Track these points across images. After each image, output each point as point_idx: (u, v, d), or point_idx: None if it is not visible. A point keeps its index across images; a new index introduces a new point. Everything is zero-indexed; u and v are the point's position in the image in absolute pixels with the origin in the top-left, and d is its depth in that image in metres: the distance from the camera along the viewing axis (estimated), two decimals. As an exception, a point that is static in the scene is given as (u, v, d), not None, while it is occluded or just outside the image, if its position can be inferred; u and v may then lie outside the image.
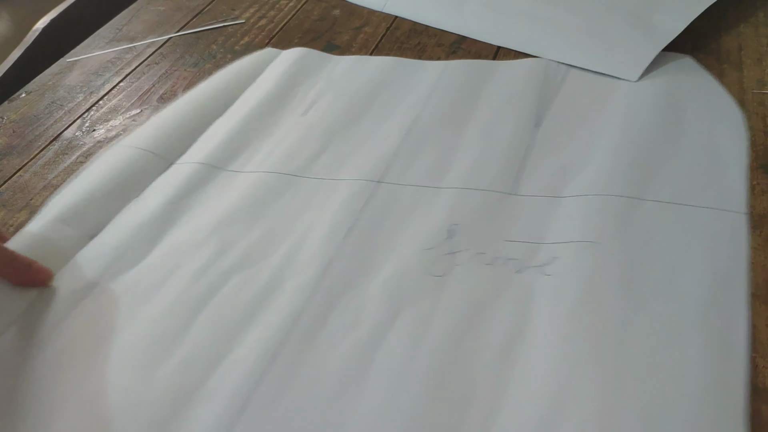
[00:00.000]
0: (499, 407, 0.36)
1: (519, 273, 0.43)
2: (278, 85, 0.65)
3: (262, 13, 0.81)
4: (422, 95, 0.61)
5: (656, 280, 0.41)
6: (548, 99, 0.58)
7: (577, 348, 0.38)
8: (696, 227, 0.44)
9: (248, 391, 0.39)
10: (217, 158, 0.57)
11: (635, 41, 0.62)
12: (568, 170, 0.50)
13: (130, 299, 0.46)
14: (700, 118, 0.53)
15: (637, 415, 0.35)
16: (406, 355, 0.40)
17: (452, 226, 0.47)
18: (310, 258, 0.47)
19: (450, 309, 0.42)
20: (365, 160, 0.54)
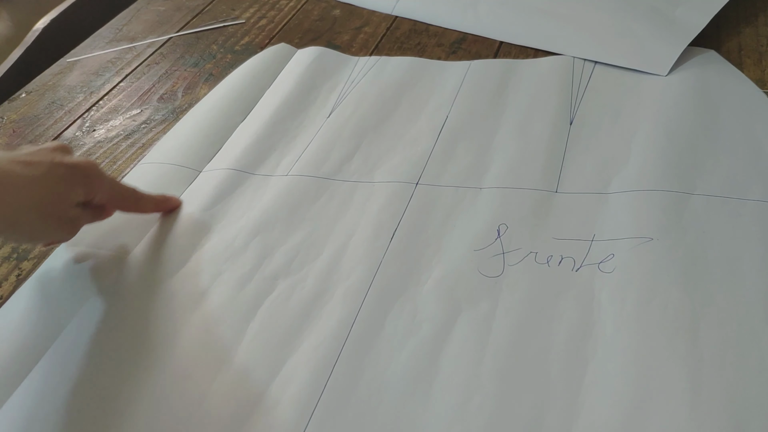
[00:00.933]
0: (578, 406, 0.36)
1: (576, 271, 0.43)
2: (298, 86, 0.65)
3: (262, 13, 0.81)
4: (448, 96, 0.61)
5: (718, 273, 0.41)
6: (577, 96, 0.58)
7: (650, 346, 0.38)
8: (748, 220, 0.44)
9: (313, 398, 0.39)
10: (246, 163, 0.57)
11: (661, 36, 0.62)
12: (610, 166, 0.50)
13: (174, 308, 0.46)
14: (733, 111, 0.53)
15: (725, 410, 0.35)
16: (472, 357, 0.40)
17: (500, 227, 0.47)
18: (357, 262, 0.47)
19: (510, 310, 0.42)
20: (399, 162, 0.54)
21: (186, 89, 0.69)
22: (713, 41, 0.62)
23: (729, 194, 0.46)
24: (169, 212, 0.54)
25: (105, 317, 0.46)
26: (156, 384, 0.41)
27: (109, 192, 0.49)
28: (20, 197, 0.42)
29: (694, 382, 0.36)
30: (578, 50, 0.63)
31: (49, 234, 0.46)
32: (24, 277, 0.51)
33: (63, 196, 0.45)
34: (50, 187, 0.44)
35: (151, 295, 0.47)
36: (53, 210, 0.44)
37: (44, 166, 0.44)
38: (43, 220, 0.44)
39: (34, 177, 0.43)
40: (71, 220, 0.46)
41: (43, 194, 0.43)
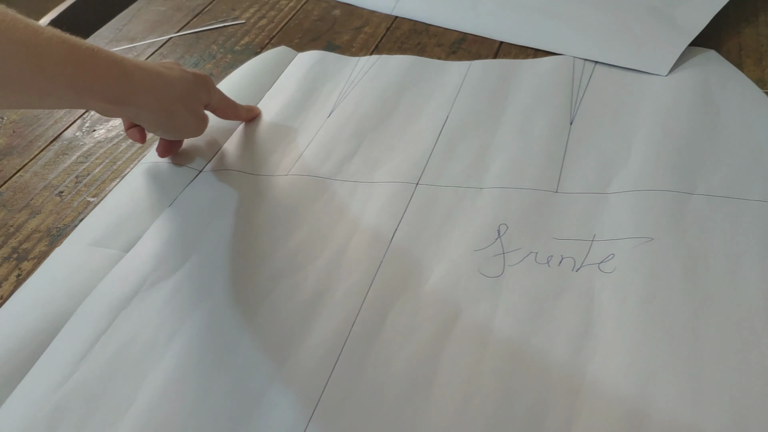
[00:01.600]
0: (578, 406, 0.36)
1: (576, 271, 0.43)
2: (299, 89, 0.65)
3: (262, 13, 0.81)
4: (449, 96, 0.61)
5: (718, 274, 0.41)
6: (578, 96, 0.58)
7: (652, 345, 0.38)
8: (748, 220, 0.44)
9: (313, 398, 0.39)
10: (246, 163, 0.57)
11: (661, 36, 0.62)
12: (610, 166, 0.50)
13: (174, 308, 0.46)
14: (734, 111, 0.53)
15: (725, 410, 0.35)
16: (472, 358, 0.40)
17: (500, 227, 0.47)
18: (358, 262, 0.47)
19: (510, 310, 0.42)
20: (399, 162, 0.54)
21: (186, 89, 0.69)
22: (713, 41, 0.62)
23: (729, 194, 0.46)
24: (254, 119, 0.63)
25: (104, 317, 0.46)
26: (156, 384, 0.41)
27: (219, 100, 0.58)
28: (174, 91, 0.52)
29: (694, 382, 0.36)
30: (578, 50, 0.63)
31: (190, 127, 0.56)
32: (24, 277, 0.51)
33: (197, 96, 0.55)
34: (189, 87, 0.54)
35: (151, 295, 0.47)
36: (192, 104, 0.55)
37: (178, 71, 0.54)
38: (188, 112, 0.54)
39: (178, 78, 0.53)
40: (202, 117, 0.57)
41: (186, 91, 0.53)
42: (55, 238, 0.54)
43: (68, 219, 0.56)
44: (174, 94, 0.52)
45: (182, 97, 0.53)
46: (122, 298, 0.47)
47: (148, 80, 0.50)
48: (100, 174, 0.60)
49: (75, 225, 0.55)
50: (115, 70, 0.47)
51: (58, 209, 0.57)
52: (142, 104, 0.50)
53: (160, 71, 0.51)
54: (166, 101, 0.52)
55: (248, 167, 0.57)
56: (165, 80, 0.51)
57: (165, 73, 0.52)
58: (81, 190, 0.59)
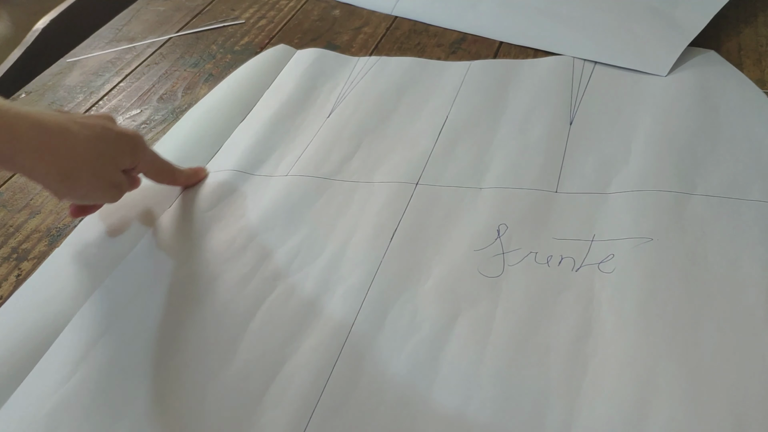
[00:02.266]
0: (578, 406, 0.36)
1: (576, 271, 0.43)
2: (298, 87, 0.65)
3: (262, 14, 0.81)
4: (448, 96, 0.61)
5: (718, 273, 0.41)
6: (577, 96, 0.58)
7: (650, 346, 0.38)
8: (748, 220, 0.44)
9: (313, 398, 0.39)
10: (246, 163, 0.57)
11: (661, 36, 0.62)
12: (610, 166, 0.50)
13: (174, 308, 0.46)
14: (733, 111, 0.53)
15: (725, 410, 0.35)
16: (472, 357, 0.40)
17: (500, 227, 0.47)
18: (357, 262, 0.47)
19: (510, 310, 0.42)
20: (399, 162, 0.54)
21: (186, 89, 0.69)
22: (713, 41, 0.62)
23: (729, 194, 0.46)
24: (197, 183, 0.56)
25: (103, 318, 0.46)
26: (156, 384, 0.41)
27: (150, 163, 0.52)
28: (76, 153, 0.45)
29: (694, 382, 0.36)
30: (578, 50, 0.63)
31: (97, 194, 0.48)
32: (24, 277, 0.51)
33: (113, 159, 0.48)
34: (102, 148, 0.47)
35: (151, 295, 0.47)
36: (103, 171, 0.47)
37: (98, 128, 0.47)
38: (95, 179, 0.47)
39: (88, 137, 0.46)
40: (117, 184, 0.49)
41: (96, 154, 0.46)
42: (55, 239, 0.54)
43: (68, 219, 0.56)
44: (77, 158, 0.45)
45: (90, 162, 0.46)
46: (123, 298, 0.47)
47: (38, 138, 0.43)
48: (100, 174, 0.60)
49: (75, 225, 0.55)
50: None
51: (57, 209, 0.57)
52: (29, 166, 0.43)
53: (61, 128, 0.45)
54: (62, 164, 0.44)
55: (248, 167, 0.57)
56: (64, 139, 0.44)
57: (68, 131, 0.45)
58: (81, 190, 0.59)
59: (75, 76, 0.75)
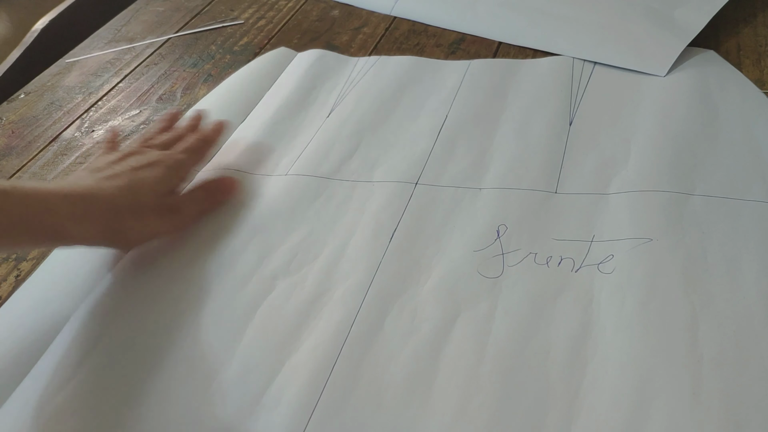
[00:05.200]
0: (578, 407, 0.36)
1: (575, 272, 0.43)
2: (299, 88, 0.65)
3: (261, 14, 0.81)
4: (448, 95, 0.61)
5: (718, 274, 0.41)
6: (577, 96, 0.58)
7: (650, 347, 0.38)
8: (748, 220, 0.44)
9: (313, 398, 0.39)
10: (245, 163, 0.57)
11: (660, 36, 0.62)
12: (610, 167, 0.50)
13: (173, 308, 0.46)
14: (733, 111, 0.53)
15: (724, 410, 0.35)
16: (471, 358, 0.40)
17: (499, 227, 0.47)
18: (357, 262, 0.47)
19: (509, 310, 0.42)
20: (398, 162, 0.54)
21: (185, 90, 0.69)
22: (712, 41, 0.62)
23: (728, 194, 0.46)
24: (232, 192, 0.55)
25: (104, 318, 0.46)
26: (156, 384, 0.41)
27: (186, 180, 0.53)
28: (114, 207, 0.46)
29: (694, 382, 0.36)
30: (578, 51, 0.63)
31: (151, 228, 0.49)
32: (23, 277, 0.51)
33: (150, 193, 0.49)
34: (136, 191, 0.48)
35: (151, 295, 0.47)
36: (147, 207, 0.48)
37: (126, 176, 0.48)
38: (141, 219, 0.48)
39: (120, 187, 0.47)
40: (170, 208, 0.50)
41: (132, 199, 0.48)
42: (54, 239, 0.54)
43: (67, 219, 0.56)
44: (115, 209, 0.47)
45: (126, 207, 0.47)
46: (122, 299, 0.47)
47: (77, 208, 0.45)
48: (99, 174, 0.60)
49: (74, 225, 0.55)
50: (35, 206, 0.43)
51: (57, 210, 0.57)
52: (80, 236, 0.46)
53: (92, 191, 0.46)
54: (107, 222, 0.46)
55: (247, 166, 0.57)
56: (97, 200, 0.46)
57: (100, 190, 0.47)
58: (80, 191, 0.58)
59: (74, 77, 0.75)
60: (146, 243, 0.51)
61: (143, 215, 0.48)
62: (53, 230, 0.44)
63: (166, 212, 0.50)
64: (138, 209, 0.48)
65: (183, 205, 0.51)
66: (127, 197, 0.47)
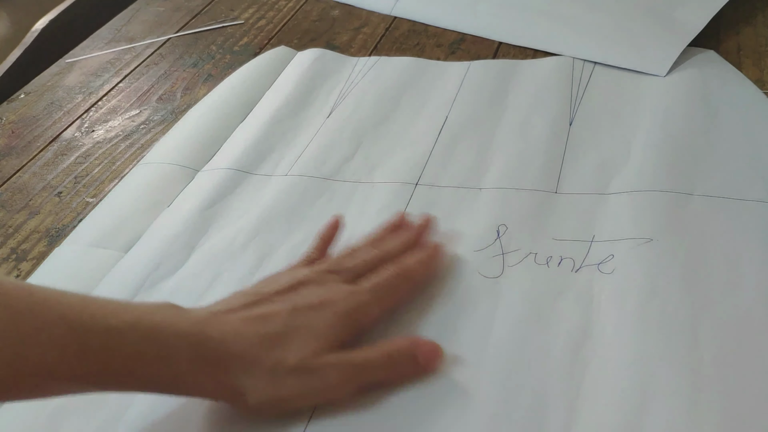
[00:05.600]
0: (578, 407, 0.36)
1: (575, 272, 0.43)
2: (298, 87, 0.65)
3: (261, 14, 0.81)
4: (448, 96, 0.61)
5: (718, 274, 0.41)
6: (577, 96, 0.58)
7: (650, 347, 0.38)
8: (748, 220, 0.44)
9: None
10: (245, 163, 0.57)
11: (660, 36, 0.62)
12: (610, 167, 0.50)
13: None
14: (733, 111, 0.53)
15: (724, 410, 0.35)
16: (471, 358, 0.40)
17: (499, 227, 0.47)
18: None
19: (509, 310, 0.42)
20: (399, 163, 0.54)
21: (185, 90, 0.69)
22: (712, 41, 0.62)
23: (728, 195, 0.46)
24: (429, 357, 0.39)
25: None
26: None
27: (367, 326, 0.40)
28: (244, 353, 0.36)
29: (694, 382, 0.36)
30: (578, 51, 0.63)
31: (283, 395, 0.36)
32: (23, 278, 0.51)
33: (309, 350, 0.36)
34: (290, 345, 0.36)
35: (149, 296, 0.47)
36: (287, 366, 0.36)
37: (279, 321, 0.37)
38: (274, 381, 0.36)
39: (263, 336, 0.36)
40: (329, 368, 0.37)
41: (284, 354, 0.36)
42: (54, 239, 0.54)
43: (67, 219, 0.56)
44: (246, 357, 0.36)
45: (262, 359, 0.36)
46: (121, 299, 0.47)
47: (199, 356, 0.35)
48: (99, 174, 0.60)
49: (74, 225, 0.55)
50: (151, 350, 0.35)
51: (57, 210, 0.57)
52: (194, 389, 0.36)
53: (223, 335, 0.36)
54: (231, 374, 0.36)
55: (247, 166, 0.57)
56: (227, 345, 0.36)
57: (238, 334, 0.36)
58: (80, 191, 0.59)
59: (74, 77, 0.75)
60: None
61: (284, 378, 0.36)
62: (168, 381, 0.36)
63: (319, 377, 0.37)
64: (279, 371, 0.36)
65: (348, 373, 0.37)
66: (269, 353, 0.36)
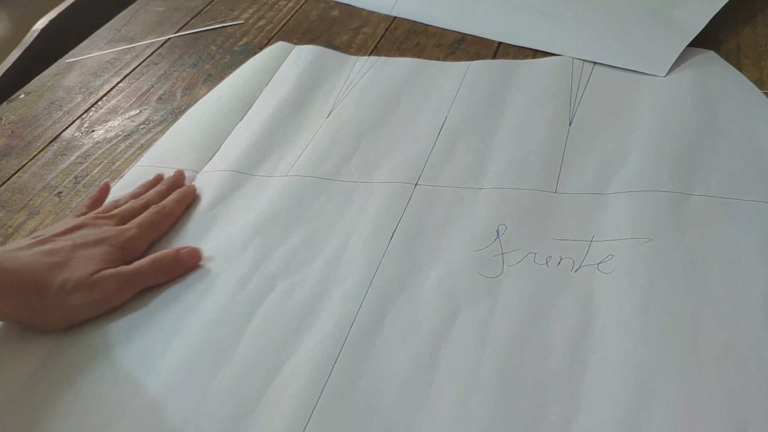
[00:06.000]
0: (578, 407, 0.36)
1: (575, 272, 0.43)
2: (297, 86, 0.65)
3: (261, 14, 0.81)
4: (448, 96, 0.61)
5: (717, 274, 0.41)
6: (576, 97, 0.58)
7: (650, 347, 0.38)
8: (747, 220, 0.44)
9: (312, 398, 0.39)
10: (245, 163, 0.57)
11: (659, 37, 0.62)
12: (609, 167, 0.50)
13: (173, 308, 0.46)
14: (732, 111, 0.53)
15: (724, 410, 0.35)
16: (471, 358, 0.40)
17: (499, 227, 0.47)
18: (356, 262, 0.46)
19: (509, 310, 0.42)
20: (398, 163, 0.54)
21: (185, 90, 0.69)
22: (712, 42, 0.62)
23: (728, 195, 0.46)
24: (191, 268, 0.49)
25: (103, 317, 0.46)
26: (155, 384, 0.41)
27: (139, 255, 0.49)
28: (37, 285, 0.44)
29: (694, 382, 0.36)
30: (577, 51, 0.63)
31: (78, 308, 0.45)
32: (23, 277, 0.51)
33: (84, 272, 0.45)
34: (69, 269, 0.45)
35: (149, 295, 0.47)
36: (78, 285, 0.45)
37: (64, 253, 0.45)
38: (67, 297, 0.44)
39: (52, 265, 0.45)
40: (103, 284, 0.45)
41: (63, 278, 0.44)
42: (54, 239, 0.54)
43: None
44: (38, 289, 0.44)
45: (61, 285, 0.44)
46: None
47: None
48: (99, 174, 0.60)
49: (74, 225, 0.55)
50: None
51: (56, 210, 0.57)
52: None
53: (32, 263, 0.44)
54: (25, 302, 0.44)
55: (247, 167, 0.57)
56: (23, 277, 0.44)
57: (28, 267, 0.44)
58: (80, 191, 0.59)
59: (74, 77, 0.75)
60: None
61: (70, 294, 0.44)
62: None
63: (99, 289, 0.45)
64: (66, 289, 0.44)
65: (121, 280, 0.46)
66: (56, 276, 0.44)
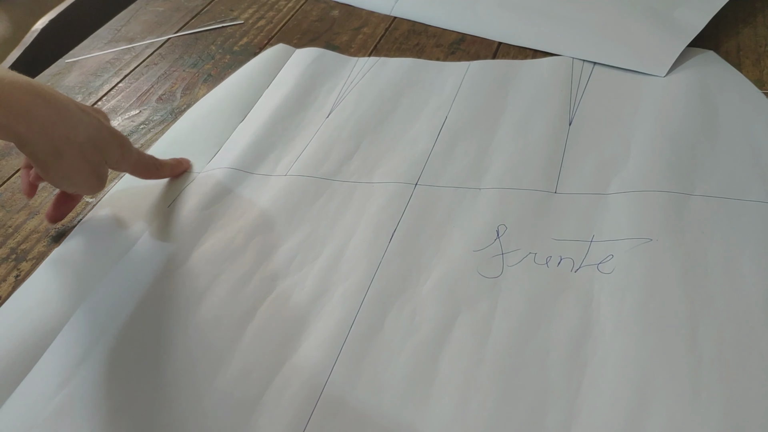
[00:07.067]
0: (578, 407, 0.36)
1: (575, 272, 0.43)
2: (298, 87, 0.65)
3: (261, 14, 0.81)
4: (448, 96, 0.61)
5: (717, 274, 0.42)
6: (576, 97, 0.58)
7: (651, 345, 0.38)
8: (747, 220, 0.44)
9: (312, 398, 0.39)
10: (245, 162, 0.57)
11: (659, 37, 0.62)
12: (609, 167, 0.50)
13: (173, 308, 0.46)
14: (732, 111, 0.53)
15: (724, 410, 0.35)
16: (471, 358, 0.40)
17: (499, 227, 0.47)
18: (356, 262, 0.47)
19: (509, 310, 0.42)
20: (398, 163, 0.54)
21: (185, 90, 0.69)
22: (712, 42, 0.62)
23: (728, 195, 0.46)
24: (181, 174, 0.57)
25: (103, 317, 0.46)
26: (156, 384, 0.41)
27: (136, 161, 0.53)
28: (71, 131, 0.46)
29: (694, 382, 0.36)
30: (577, 51, 0.63)
31: (80, 179, 0.48)
32: (23, 278, 0.51)
33: (103, 150, 0.49)
34: (95, 136, 0.48)
35: (149, 295, 0.47)
36: (92, 157, 0.48)
37: (94, 118, 0.48)
38: (84, 162, 0.47)
39: (85, 121, 0.47)
40: (100, 176, 0.50)
41: (89, 138, 0.47)
42: (54, 239, 0.54)
43: (67, 219, 0.56)
44: (69, 135, 0.45)
45: (81, 143, 0.46)
46: (121, 299, 0.47)
47: (34, 108, 0.43)
48: (99, 174, 0.60)
49: (74, 225, 0.55)
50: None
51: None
52: (23, 135, 0.43)
53: (59, 103, 0.45)
54: (55, 139, 0.45)
55: (247, 166, 0.57)
56: (60, 115, 0.45)
57: (66, 108, 0.45)
58: (80, 191, 0.59)
59: (74, 77, 0.75)
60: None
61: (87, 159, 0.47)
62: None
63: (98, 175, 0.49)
64: (87, 150, 0.47)
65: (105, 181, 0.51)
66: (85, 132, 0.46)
